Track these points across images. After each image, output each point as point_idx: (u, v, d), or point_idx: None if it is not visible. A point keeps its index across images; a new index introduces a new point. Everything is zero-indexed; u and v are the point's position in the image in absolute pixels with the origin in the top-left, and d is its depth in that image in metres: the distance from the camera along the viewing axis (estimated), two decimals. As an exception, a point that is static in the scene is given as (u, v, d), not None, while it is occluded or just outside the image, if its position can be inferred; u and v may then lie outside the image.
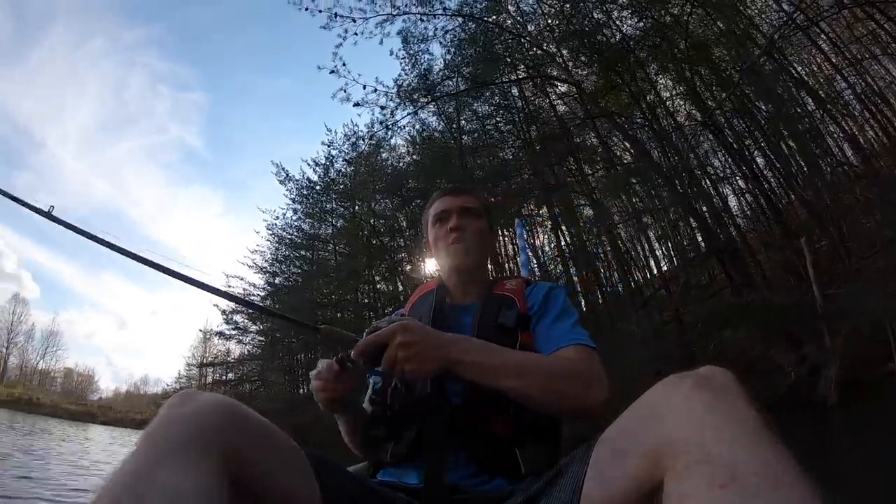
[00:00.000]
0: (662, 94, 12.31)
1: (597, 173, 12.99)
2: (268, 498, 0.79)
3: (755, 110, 11.21)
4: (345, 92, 10.73)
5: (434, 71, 12.43)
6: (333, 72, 10.52)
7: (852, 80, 10.81)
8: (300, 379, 18.95)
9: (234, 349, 22.40)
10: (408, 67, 12.05)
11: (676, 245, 13.33)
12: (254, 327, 18.46)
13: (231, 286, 17.76)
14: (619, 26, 11.86)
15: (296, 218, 17.93)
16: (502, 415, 1.14)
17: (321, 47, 13.96)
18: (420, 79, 11.98)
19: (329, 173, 15.98)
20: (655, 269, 14.20)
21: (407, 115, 11.76)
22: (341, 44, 10.51)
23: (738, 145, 11.39)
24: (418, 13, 11.29)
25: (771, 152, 11.08)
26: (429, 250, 1.53)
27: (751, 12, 11.15)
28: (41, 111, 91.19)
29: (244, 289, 18.09)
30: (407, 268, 15.35)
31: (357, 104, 10.86)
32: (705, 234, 9.86)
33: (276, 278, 18.77)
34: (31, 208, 1.47)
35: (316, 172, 16.35)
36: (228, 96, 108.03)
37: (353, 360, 1.07)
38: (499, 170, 12.45)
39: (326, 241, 17.91)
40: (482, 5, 11.90)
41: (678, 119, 11.81)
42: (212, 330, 23.10)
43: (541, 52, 12.15)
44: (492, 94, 13.38)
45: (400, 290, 15.70)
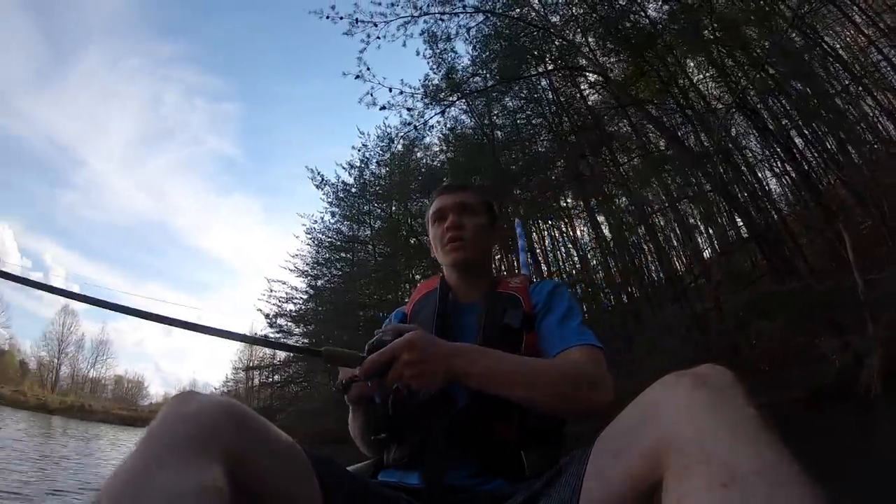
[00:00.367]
0: (693, 78, 12.15)
1: (631, 162, 12.96)
2: (268, 498, 0.81)
3: (788, 88, 10.91)
4: (371, 96, 11.00)
5: (461, 68, 12.53)
6: (359, 77, 10.76)
7: (887, 52, 10.44)
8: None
9: (280, 352, 23.08)
10: (435, 67, 12.18)
11: (715, 233, 13.17)
12: (297, 329, 18.93)
13: (274, 290, 18.36)
14: (644, 10, 11.78)
15: (334, 221, 18.36)
16: (506, 418, 1.17)
17: (349, 50, 14.09)
18: (446, 77, 12.11)
19: (364, 175, 16.32)
20: (694, 257, 13.84)
21: (435, 115, 11.90)
22: (364, 49, 10.73)
23: (773, 125, 11.19)
24: (438, 13, 11.35)
25: (807, 131, 10.94)
26: (432, 249, 1.55)
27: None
28: (82, 130, 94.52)
29: (286, 293, 18.60)
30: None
31: (383, 107, 11.11)
32: (744, 220, 9.83)
33: (318, 281, 19.14)
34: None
35: (351, 175, 16.71)
36: (262, 104, 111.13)
37: (355, 382, 1.11)
38: (532, 163, 12.48)
39: (365, 243, 18.18)
40: (503, 0, 11.94)
41: (710, 102, 11.66)
42: (256, 334, 23.59)
43: (566, 42, 12.14)
44: (520, 88, 13.36)
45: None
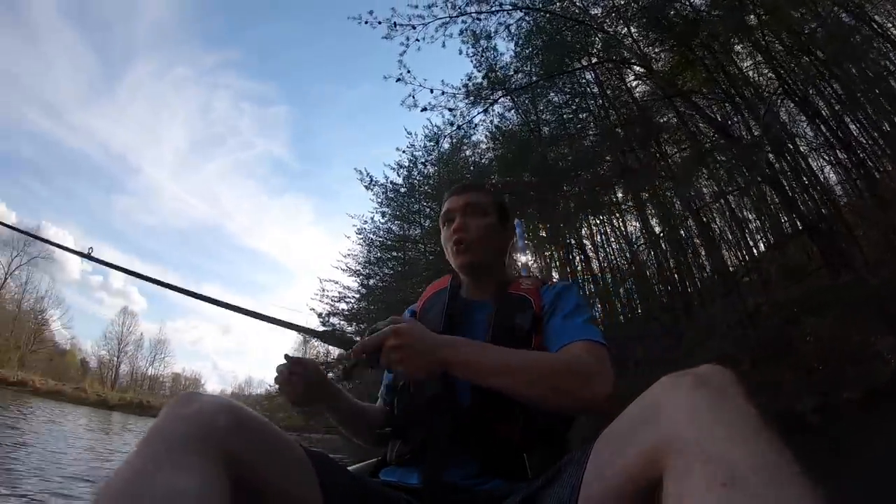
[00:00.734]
0: (740, 65, 12.13)
1: (681, 153, 13.01)
2: (268, 498, 0.82)
3: (839, 71, 10.78)
4: (413, 98, 11.24)
5: (503, 65, 12.76)
6: (400, 80, 10.99)
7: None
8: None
9: (333, 349, 23.49)
10: (478, 65, 12.40)
11: (767, 225, 13.09)
12: (350, 328, 19.28)
13: (326, 290, 19.26)
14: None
15: (384, 221, 18.96)
16: (510, 418, 1.18)
17: (392, 52, 14.41)
18: (488, 75, 12.31)
19: (413, 175, 16.88)
20: (746, 251, 13.85)
21: (479, 113, 12.19)
22: (405, 51, 10.92)
23: (828, 111, 11.11)
24: (475, 12, 11.47)
25: (861, 115, 10.80)
26: (445, 251, 1.58)
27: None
28: (134, 140, 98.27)
29: (339, 292, 19.36)
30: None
31: (424, 109, 11.35)
32: (796, 211, 9.71)
33: (370, 280, 19.72)
34: (71, 251, 1.62)
35: (399, 175, 17.25)
36: (310, 106, 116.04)
37: (353, 361, 1.13)
38: (580, 158, 12.60)
39: (416, 242, 18.54)
40: (542, -4, 12.07)
41: (758, 89, 11.59)
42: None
43: (608, 35, 12.23)
44: (563, 82, 13.56)
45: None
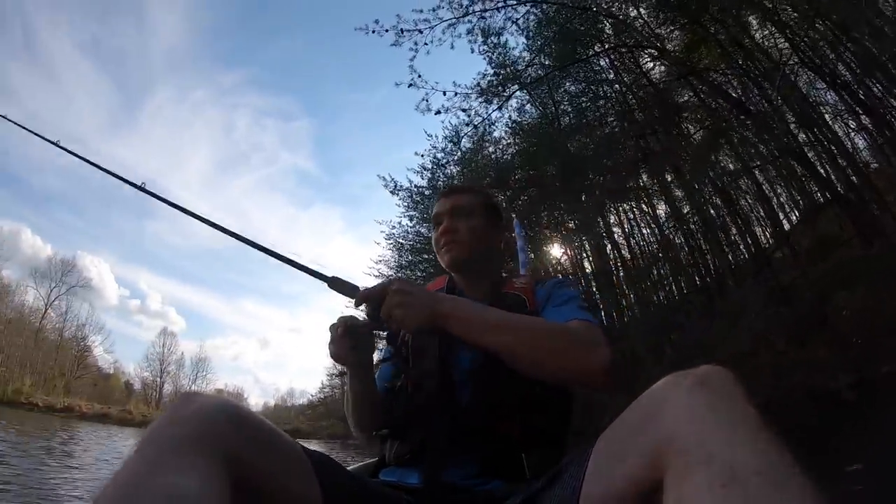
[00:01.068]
0: (753, 34, 11.99)
1: (703, 130, 12.89)
2: (268, 498, 0.83)
3: (857, 33, 10.27)
4: (426, 102, 11.43)
5: (515, 59, 12.95)
6: (412, 85, 11.18)
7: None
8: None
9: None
10: (490, 61, 12.57)
11: (796, 198, 12.83)
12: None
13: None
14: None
15: (412, 224, 18.99)
16: (510, 417, 1.18)
17: (403, 56, 14.42)
18: (501, 70, 12.51)
19: (436, 177, 16.59)
20: (776, 226, 13.54)
21: (493, 111, 12.37)
22: (414, 56, 11.07)
23: (850, 75, 10.93)
24: (480, 10, 11.52)
25: (883, 78, 10.52)
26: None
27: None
28: (160, 164, 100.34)
29: (373, 298, 19.33)
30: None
31: (438, 112, 11.54)
32: (824, 182, 9.68)
33: (404, 283, 19.61)
34: (125, 181, 1.74)
35: (423, 178, 17.05)
36: (330, 116, 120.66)
37: (358, 325, 1.23)
38: (602, 146, 12.70)
39: None
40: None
41: (774, 59, 11.40)
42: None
43: (617, 20, 12.32)
44: (578, 71, 13.61)
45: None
